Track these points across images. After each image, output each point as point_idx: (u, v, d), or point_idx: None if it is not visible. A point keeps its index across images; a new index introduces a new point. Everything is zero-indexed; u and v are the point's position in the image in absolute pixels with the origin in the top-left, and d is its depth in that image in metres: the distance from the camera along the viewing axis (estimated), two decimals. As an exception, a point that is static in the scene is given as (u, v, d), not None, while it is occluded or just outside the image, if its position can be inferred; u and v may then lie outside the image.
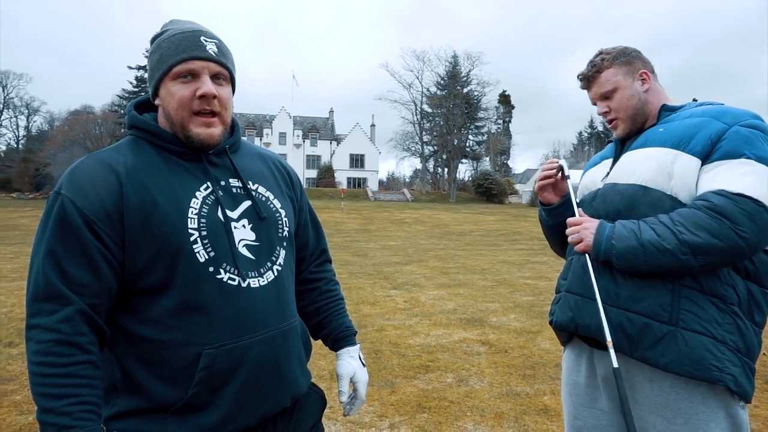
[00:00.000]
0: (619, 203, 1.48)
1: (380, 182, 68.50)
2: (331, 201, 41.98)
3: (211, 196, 1.19)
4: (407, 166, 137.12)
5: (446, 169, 58.22)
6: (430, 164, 61.00)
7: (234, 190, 1.24)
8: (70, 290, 1.07)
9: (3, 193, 47.20)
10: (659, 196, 1.41)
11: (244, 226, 1.22)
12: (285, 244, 1.31)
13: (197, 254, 1.13)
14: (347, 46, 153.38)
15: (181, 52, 1.16)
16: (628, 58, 1.60)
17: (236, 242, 1.19)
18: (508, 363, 4.51)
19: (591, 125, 70.21)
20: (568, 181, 1.67)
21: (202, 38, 1.19)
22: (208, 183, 1.20)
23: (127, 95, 45.89)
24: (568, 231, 1.52)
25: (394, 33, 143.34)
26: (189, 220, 1.14)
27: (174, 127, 1.20)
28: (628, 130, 1.61)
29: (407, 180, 78.00)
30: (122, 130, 43.08)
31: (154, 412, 1.12)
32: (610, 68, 1.60)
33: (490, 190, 50.30)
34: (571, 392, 1.65)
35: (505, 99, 65.53)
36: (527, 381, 4.05)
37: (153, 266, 1.12)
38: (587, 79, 1.64)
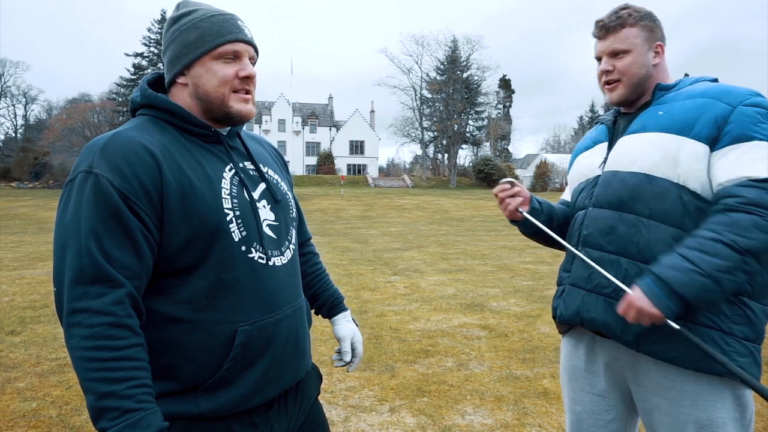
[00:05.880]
0: (623, 192, 1.43)
1: (380, 169, 68.36)
2: (331, 188, 41.94)
3: (236, 178, 1.22)
4: (407, 152, 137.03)
5: (446, 155, 58.00)
6: (430, 150, 60.78)
7: (250, 172, 1.28)
8: (118, 273, 1.03)
9: (2, 183, 47.17)
10: (665, 185, 1.36)
11: (263, 206, 1.26)
12: (294, 224, 1.39)
13: (233, 234, 1.16)
14: (346, 31, 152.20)
15: (227, 33, 1.20)
16: (653, 25, 1.51)
17: (262, 222, 1.23)
18: (507, 347, 4.53)
19: (592, 109, 69.83)
20: (526, 214, 1.60)
21: (239, 22, 1.24)
22: (231, 164, 1.23)
23: (125, 83, 45.51)
24: (624, 315, 1.33)
25: (393, 17, 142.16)
26: (223, 200, 1.16)
27: (209, 105, 1.21)
28: (625, 98, 1.53)
29: (407, 166, 77.98)
30: (121, 118, 42.90)
31: (185, 392, 1.13)
32: (633, 27, 1.49)
33: (490, 176, 50.13)
34: (570, 377, 1.64)
35: (505, 83, 65.13)
36: (527, 365, 4.08)
37: (189, 247, 1.12)
38: (606, 30, 1.52)
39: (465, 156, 62.51)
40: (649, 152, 1.40)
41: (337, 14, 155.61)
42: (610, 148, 1.56)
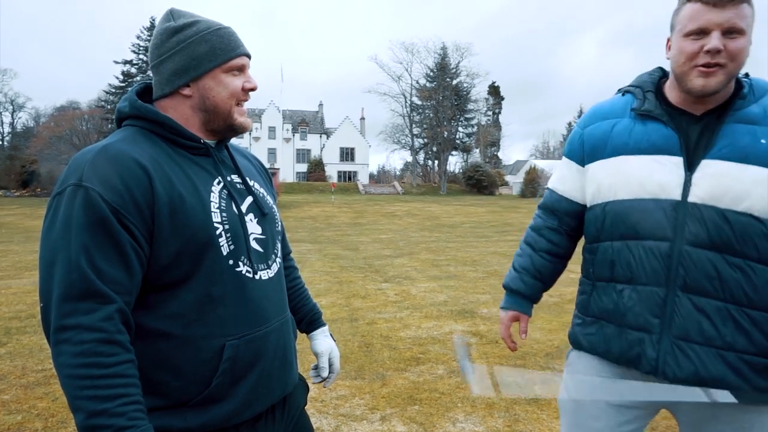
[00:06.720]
0: (729, 233, 1.27)
1: (371, 175, 68.51)
2: (322, 195, 41.88)
3: (224, 191, 1.22)
4: (397, 159, 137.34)
5: (436, 162, 58.22)
6: (421, 157, 60.96)
7: (237, 185, 1.28)
8: (109, 288, 1.02)
9: (-11, 191, 46.59)
10: None
11: (251, 220, 1.26)
12: (279, 237, 1.39)
13: (221, 247, 1.15)
14: (336, 38, 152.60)
15: (235, 47, 1.23)
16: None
17: (249, 236, 1.23)
18: (498, 353, 4.54)
19: (580, 115, 70.36)
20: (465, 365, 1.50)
21: (237, 35, 1.28)
22: (219, 178, 1.23)
23: (113, 90, 45.22)
24: None
25: (383, 24, 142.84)
26: (213, 214, 1.16)
27: (215, 117, 1.22)
28: (719, 90, 1.28)
29: (398, 173, 78.04)
30: (109, 126, 42.63)
31: (173, 408, 1.12)
32: (749, 5, 1.23)
33: (480, 182, 50.34)
34: (607, 406, 1.48)
35: (494, 90, 65.58)
36: (518, 371, 4.08)
37: (179, 261, 1.11)
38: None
39: (455, 162, 62.75)
40: (760, 192, 1.25)
41: (326, 21, 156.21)
42: (688, 166, 1.33)
